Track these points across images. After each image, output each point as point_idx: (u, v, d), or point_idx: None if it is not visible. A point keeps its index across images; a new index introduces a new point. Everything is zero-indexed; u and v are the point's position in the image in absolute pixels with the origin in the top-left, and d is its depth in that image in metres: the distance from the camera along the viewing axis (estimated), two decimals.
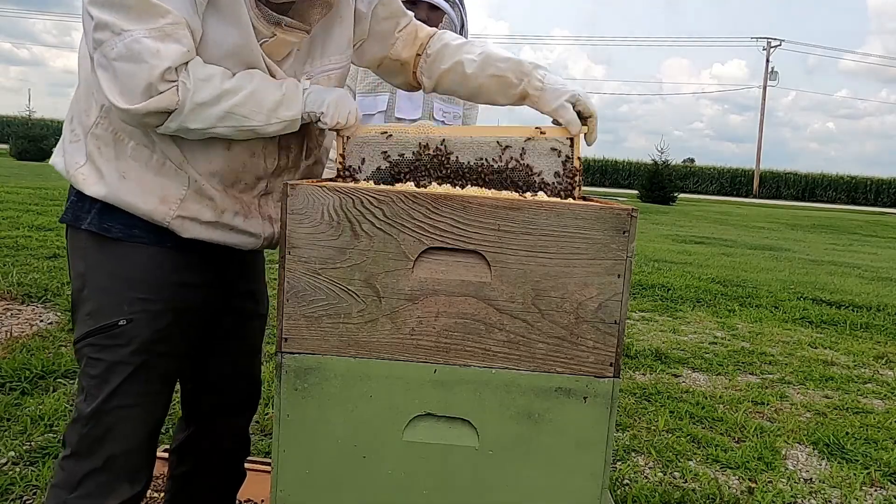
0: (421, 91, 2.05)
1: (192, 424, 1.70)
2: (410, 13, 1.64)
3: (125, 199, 1.36)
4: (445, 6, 2.09)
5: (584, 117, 1.44)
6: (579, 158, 1.44)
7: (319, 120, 1.38)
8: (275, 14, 1.35)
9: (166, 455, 1.76)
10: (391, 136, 1.44)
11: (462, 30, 2.17)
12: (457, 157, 1.43)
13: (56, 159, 1.45)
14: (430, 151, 1.43)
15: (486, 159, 1.43)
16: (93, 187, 1.37)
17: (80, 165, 1.39)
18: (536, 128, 1.45)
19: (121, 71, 1.22)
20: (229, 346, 1.62)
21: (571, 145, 1.44)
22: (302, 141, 1.48)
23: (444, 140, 1.43)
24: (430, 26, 2.06)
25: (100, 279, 1.39)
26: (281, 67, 1.41)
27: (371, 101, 2.25)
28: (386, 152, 1.44)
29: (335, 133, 1.43)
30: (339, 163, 1.44)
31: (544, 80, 1.47)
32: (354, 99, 2.24)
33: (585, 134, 1.46)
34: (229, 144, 1.37)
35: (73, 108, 1.43)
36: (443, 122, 2.22)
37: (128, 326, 1.37)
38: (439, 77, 1.59)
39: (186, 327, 1.45)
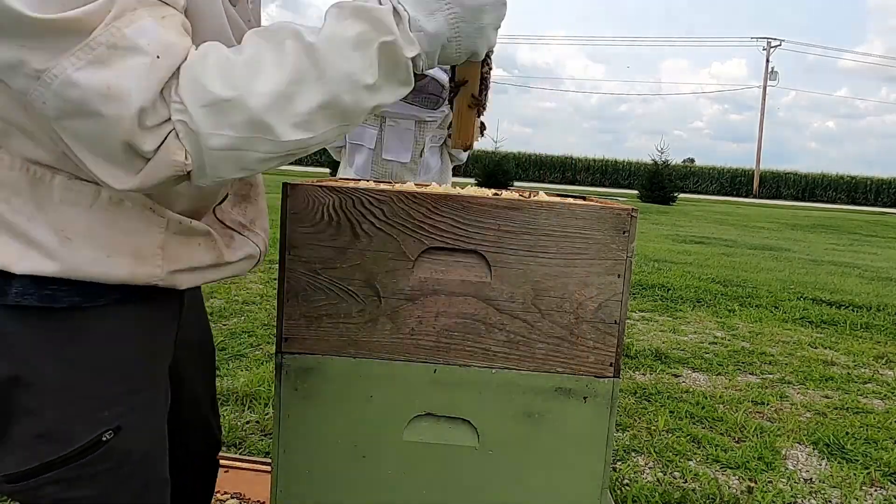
0: (411, 131, 1.96)
1: None
2: None
3: (86, 271, 0.87)
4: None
5: None
6: None
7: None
8: None
9: None
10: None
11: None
12: None
13: None
14: None
15: None
16: (27, 264, 0.85)
17: None
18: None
19: (81, 136, 0.75)
20: (189, 393, 1.25)
21: None
22: None
23: None
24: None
25: (53, 379, 0.89)
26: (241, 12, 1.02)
27: (359, 130, 2.05)
28: None
29: None
30: None
31: None
32: None
33: None
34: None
35: None
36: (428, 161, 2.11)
37: (117, 439, 0.92)
38: None
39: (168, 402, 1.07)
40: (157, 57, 0.73)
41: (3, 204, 0.85)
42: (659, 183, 24.45)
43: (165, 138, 0.75)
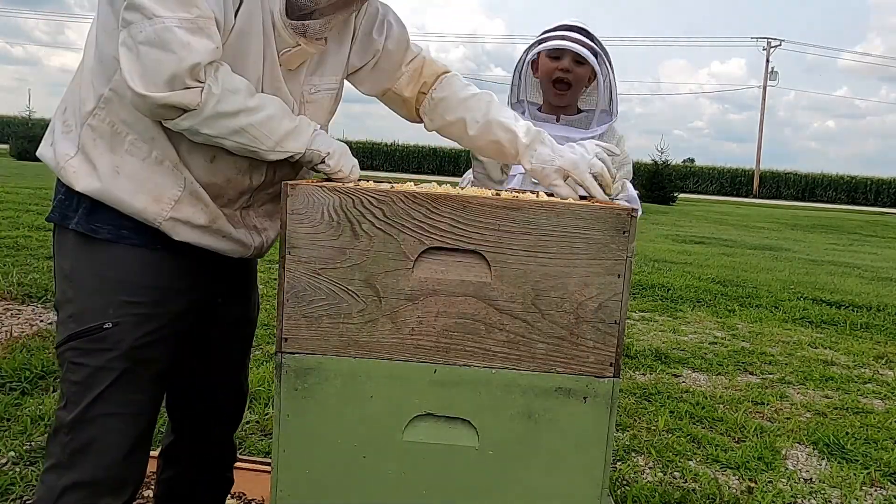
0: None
1: (177, 430, 1.67)
2: (420, 47, 1.62)
3: (116, 196, 1.30)
4: (592, 60, 1.95)
5: (588, 181, 1.45)
6: None
7: (323, 161, 1.34)
8: (301, 23, 1.34)
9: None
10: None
11: (606, 86, 2.02)
12: None
13: (44, 150, 1.38)
14: None
15: None
16: (83, 181, 1.31)
17: (71, 157, 1.32)
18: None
19: (146, 56, 1.17)
20: (216, 354, 1.58)
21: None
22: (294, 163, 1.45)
23: None
24: (574, 80, 2.00)
25: (85, 281, 1.33)
26: (292, 80, 1.39)
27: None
28: None
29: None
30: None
31: (533, 160, 1.49)
32: (484, 168, 2.13)
33: (605, 190, 1.46)
34: (213, 157, 1.34)
35: (67, 97, 1.37)
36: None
37: (113, 330, 1.31)
38: (442, 125, 1.60)
39: (173, 333, 1.40)
40: (216, 48, 1.22)
41: (91, 141, 1.31)
42: (659, 183, 24.44)
43: (195, 87, 1.20)
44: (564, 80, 2.00)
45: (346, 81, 1.58)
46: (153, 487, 1.78)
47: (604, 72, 2.00)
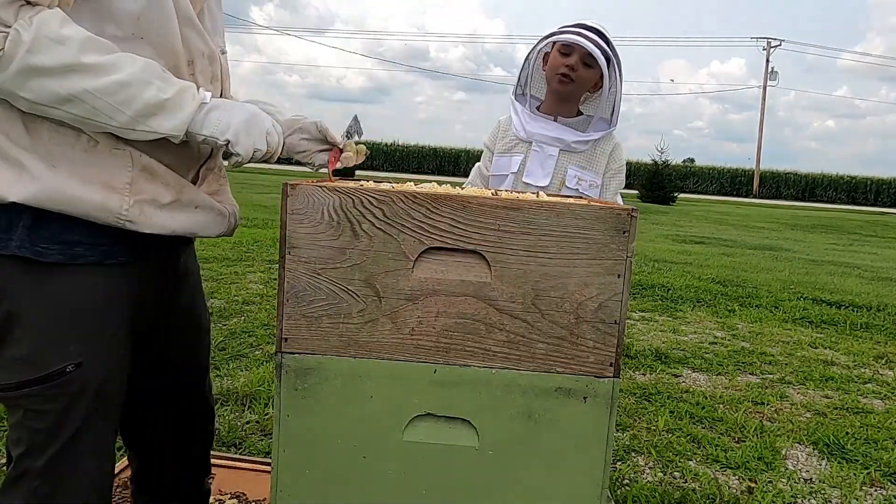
0: (554, 157, 2.01)
1: (139, 455, 1.53)
2: None
3: (65, 194, 1.07)
4: (602, 62, 1.94)
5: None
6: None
7: (230, 152, 1.15)
8: None
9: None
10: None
11: (611, 94, 2.02)
12: None
13: None
14: None
15: None
16: (15, 188, 1.06)
17: None
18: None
19: None
20: (175, 365, 1.44)
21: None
22: None
23: None
24: (578, 79, 1.99)
25: (35, 318, 1.12)
26: (199, 33, 1.18)
27: (506, 160, 2.10)
28: None
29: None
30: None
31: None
32: (491, 159, 2.12)
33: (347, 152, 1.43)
34: None
35: None
36: (577, 190, 2.03)
37: (78, 371, 1.15)
38: None
39: (134, 354, 1.27)
40: None
41: (4, 138, 1.06)
42: (659, 183, 24.45)
43: None
44: (569, 74, 2.00)
45: None
46: None
47: (612, 77, 2.00)
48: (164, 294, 1.33)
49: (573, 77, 2.00)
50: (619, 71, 2.01)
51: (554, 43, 2.02)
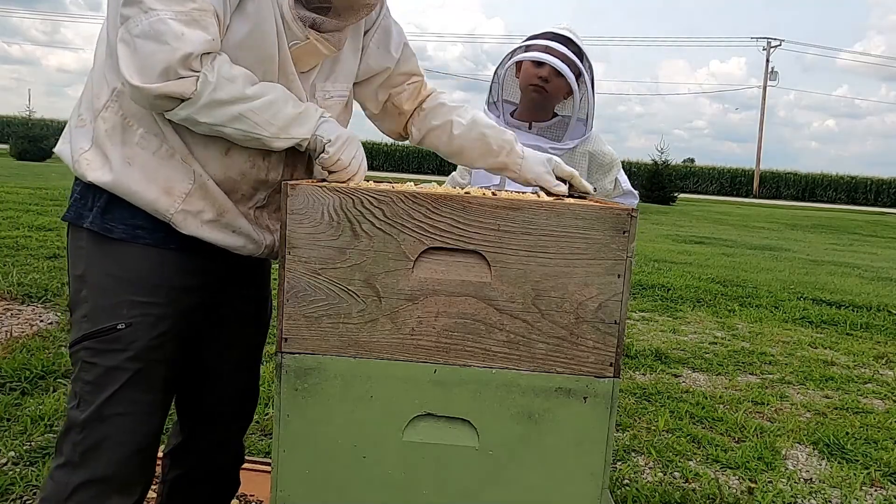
0: None
1: (185, 430, 1.67)
2: (422, 73, 1.67)
3: (129, 187, 1.32)
4: (570, 78, 1.95)
5: (562, 180, 1.57)
6: None
7: (324, 150, 1.33)
8: (312, 15, 1.35)
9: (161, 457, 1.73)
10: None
11: (584, 102, 2.02)
12: None
13: (61, 146, 1.42)
14: None
15: None
16: (96, 173, 1.33)
17: (85, 150, 1.34)
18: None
19: (141, 48, 1.20)
20: (226, 354, 1.58)
21: None
22: (308, 160, 1.47)
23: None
24: (551, 90, 2.01)
25: (99, 281, 1.35)
26: (304, 82, 1.41)
27: (485, 172, 2.05)
28: None
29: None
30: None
31: (524, 152, 1.59)
32: (469, 170, 2.14)
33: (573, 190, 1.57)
34: (227, 150, 1.35)
35: (83, 93, 1.40)
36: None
37: (126, 331, 1.33)
38: (428, 131, 1.64)
39: (185, 333, 1.42)
40: (213, 39, 1.24)
41: (103, 133, 1.33)
42: (659, 183, 24.44)
43: (190, 77, 1.21)
44: (543, 86, 2.01)
45: None
46: (157, 487, 1.78)
47: (581, 90, 2.00)
48: (225, 287, 1.49)
49: (547, 88, 2.01)
50: (591, 75, 2.02)
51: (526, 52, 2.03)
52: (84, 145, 1.35)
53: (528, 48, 2.02)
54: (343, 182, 1.34)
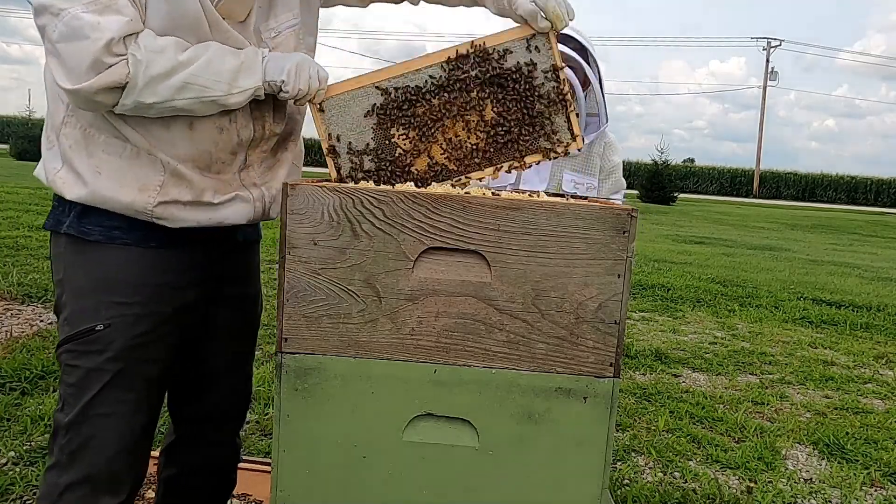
0: (548, 163, 2.00)
1: (178, 429, 1.66)
2: None
3: (104, 195, 1.32)
4: (575, 81, 1.92)
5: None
6: (558, 54, 1.43)
7: (281, 90, 1.33)
8: None
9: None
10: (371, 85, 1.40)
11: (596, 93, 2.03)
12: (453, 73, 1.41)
13: (37, 170, 1.43)
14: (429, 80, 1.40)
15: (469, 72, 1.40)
16: (72, 190, 1.34)
17: (58, 170, 1.35)
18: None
19: (64, 51, 1.19)
20: (217, 353, 1.57)
21: (548, 41, 1.42)
22: (274, 108, 1.44)
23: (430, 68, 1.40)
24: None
25: (77, 283, 1.36)
26: (244, 31, 1.37)
27: (503, 175, 2.15)
28: (375, 104, 1.40)
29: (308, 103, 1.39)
30: (325, 142, 1.40)
31: None
32: None
33: (554, 23, 1.41)
34: (191, 124, 1.33)
35: (46, 117, 1.41)
36: (575, 193, 2.03)
37: (104, 332, 1.33)
38: None
39: (169, 331, 1.41)
40: (130, 20, 1.22)
41: (69, 149, 1.33)
42: (659, 183, 24.44)
43: (119, 62, 1.20)
44: None
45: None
46: (154, 486, 1.77)
47: (587, 88, 1.99)
48: (210, 283, 1.47)
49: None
50: (597, 70, 2.02)
51: None
52: (56, 165, 1.36)
53: None
54: (314, 101, 1.37)
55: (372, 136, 1.41)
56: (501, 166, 1.44)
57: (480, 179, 1.47)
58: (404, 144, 1.41)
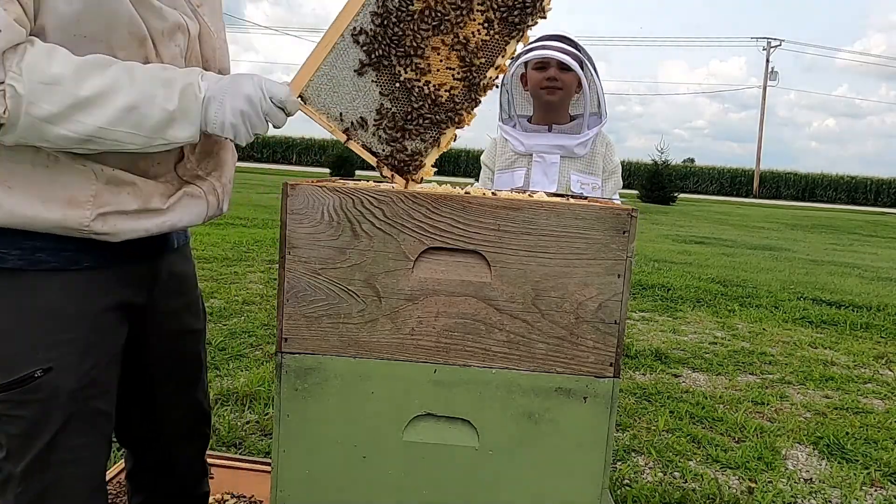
0: (556, 164, 2.06)
1: (135, 455, 1.53)
2: None
3: (24, 214, 1.05)
4: (576, 67, 1.99)
5: None
6: None
7: (225, 139, 1.13)
8: None
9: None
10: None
11: (592, 91, 2.06)
12: None
13: None
14: None
15: None
16: None
17: None
18: None
19: None
20: (163, 372, 1.41)
21: None
22: None
23: None
24: (563, 85, 2.05)
25: (2, 324, 1.11)
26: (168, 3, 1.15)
27: (508, 177, 2.14)
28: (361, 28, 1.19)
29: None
30: (335, 129, 1.22)
31: None
32: (492, 176, 2.17)
33: None
34: None
35: None
36: (581, 193, 2.06)
37: (47, 377, 1.12)
38: None
39: (116, 358, 1.25)
40: (10, 21, 0.88)
41: None
42: (659, 183, 24.43)
43: None
44: (554, 84, 2.04)
45: None
46: None
47: (588, 76, 2.04)
48: (148, 299, 1.31)
49: (559, 85, 2.05)
50: (593, 66, 2.06)
51: (526, 63, 2.07)
52: None
53: (526, 53, 2.04)
54: (290, 111, 1.16)
55: (378, 89, 1.22)
56: (512, 40, 1.25)
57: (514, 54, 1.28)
58: (415, 74, 1.22)
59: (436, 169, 1.31)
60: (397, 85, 1.22)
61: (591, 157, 2.12)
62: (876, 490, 2.75)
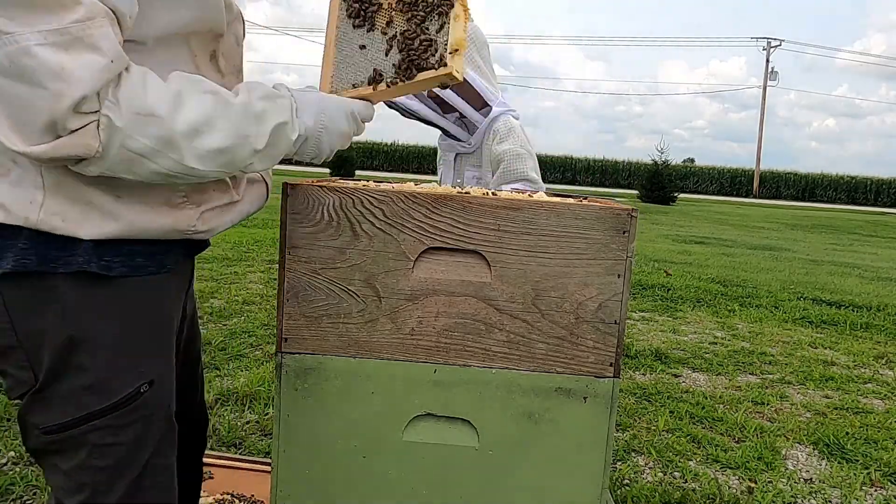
0: (451, 162, 2.25)
1: None
2: None
3: (141, 221, 1.01)
4: (428, 112, 2.14)
5: None
6: None
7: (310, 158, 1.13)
8: None
9: None
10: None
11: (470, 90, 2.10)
12: None
13: None
14: None
15: None
16: (91, 228, 0.98)
17: (41, 203, 0.95)
18: None
19: (8, 94, 0.82)
20: (185, 373, 1.32)
21: None
22: None
23: None
24: (443, 101, 2.08)
25: (104, 336, 1.01)
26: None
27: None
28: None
29: None
30: (358, 91, 1.20)
31: None
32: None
33: None
34: None
35: None
36: (477, 186, 2.06)
37: (151, 391, 1.05)
38: None
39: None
40: (112, 61, 0.85)
41: (60, 170, 0.95)
42: (659, 183, 24.44)
43: (87, 125, 0.85)
44: (433, 94, 2.10)
45: None
46: None
47: (448, 97, 2.07)
48: (185, 302, 1.28)
49: (436, 92, 2.05)
50: (482, 55, 2.12)
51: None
52: (34, 196, 0.95)
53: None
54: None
55: (381, 39, 1.21)
56: None
57: None
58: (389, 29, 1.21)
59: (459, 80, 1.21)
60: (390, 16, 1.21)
61: (479, 150, 2.20)
62: (876, 490, 2.75)
